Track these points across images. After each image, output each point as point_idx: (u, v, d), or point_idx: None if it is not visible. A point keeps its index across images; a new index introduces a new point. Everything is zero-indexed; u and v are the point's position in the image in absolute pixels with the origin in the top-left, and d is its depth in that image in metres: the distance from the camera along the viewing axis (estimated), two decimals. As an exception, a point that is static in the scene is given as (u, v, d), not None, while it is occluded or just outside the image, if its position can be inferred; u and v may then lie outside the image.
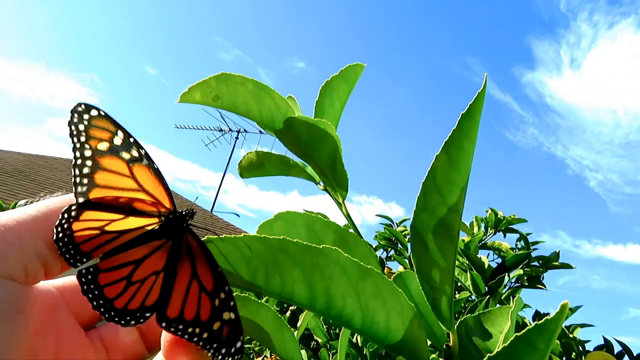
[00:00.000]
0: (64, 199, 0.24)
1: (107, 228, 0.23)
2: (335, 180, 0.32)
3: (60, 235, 0.22)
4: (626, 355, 0.83)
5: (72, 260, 0.22)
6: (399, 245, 1.25)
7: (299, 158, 0.33)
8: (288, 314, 1.00)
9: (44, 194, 0.24)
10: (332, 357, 0.77)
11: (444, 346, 0.25)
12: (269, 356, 0.95)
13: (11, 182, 4.80)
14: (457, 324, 0.28)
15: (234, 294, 0.26)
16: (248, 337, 1.04)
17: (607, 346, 0.89)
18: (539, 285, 1.05)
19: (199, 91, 0.29)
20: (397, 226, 1.38)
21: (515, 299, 0.28)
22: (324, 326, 0.85)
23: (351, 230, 0.29)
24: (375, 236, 1.31)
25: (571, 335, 0.92)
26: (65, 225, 0.22)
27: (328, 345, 0.83)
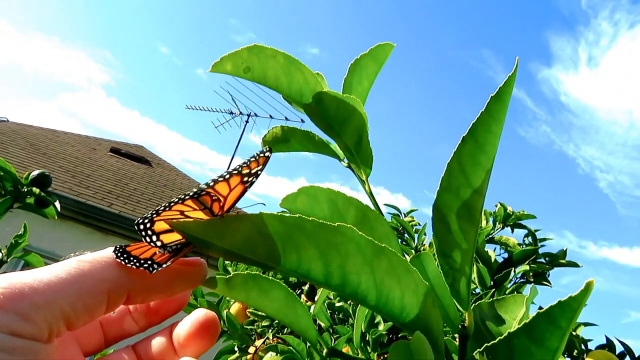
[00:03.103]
0: (95, 260, 0.24)
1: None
2: (360, 157, 0.33)
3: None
4: (628, 356, 0.83)
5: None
6: (406, 235, 1.25)
7: (324, 134, 0.34)
8: (306, 286, 1.00)
9: (80, 251, 0.25)
10: (335, 342, 0.78)
11: (460, 326, 0.26)
12: (270, 338, 0.96)
13: (22, 154, 4.85)
14: (472, 307, 0.29)
15: (247, 272, 0.26)
16: (252, 318, 1.04)
17: (609, 346, 0.89)
18: (545, 282, 1.05)
19: (230, 62, 0.30)
20: (405, 216, 1.38)
21: (530, 287, 0.28)
22: (328, 311, 0.86)
23: (373, 208, 0.30)
24: (383, 225, 1.31)
25: (574, 333, 0.92)
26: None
27: (331, 330, 0.84)
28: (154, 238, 0.24)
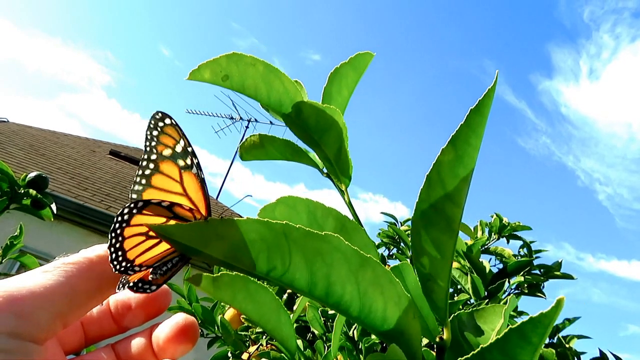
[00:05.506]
0: (83, 259, 0.25)
1: (151, 233, 0.25)
2: (339, 168, 0.32)
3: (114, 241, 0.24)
4: (621, 370, 0.83)
5: (122, 269, 0.24)
6: (402, 244, 1.25)
7: (304, 143, 0.34)
8: (285, 296, 1.00)
9: (63, 254, 0.26)
10: (328, 349, 0.78)
11: (437, 338, 0.25)
12: (264, 344, 0.95)
13: (21, 155, 4.85)
14: (451, 318, 0.28)
15: (235, 273, 0.26)
16: (246, 324, 1.03)
17: (602, 359, 0.89)
18: (539, 294, 1.04)
19: (208, 69, 0.29)
20: (401, 225, 1.38)
21: (510, 298, 0.28)
22: (321, 318, 0.86)
23: (352, 219, 0.30)
24: (379, 234, 1.31)
25: (567, 346, 0.91)
26: (118, 231, 0.24)
27: (324, 337, 0.83)
28: (128, 265, 0.24)
